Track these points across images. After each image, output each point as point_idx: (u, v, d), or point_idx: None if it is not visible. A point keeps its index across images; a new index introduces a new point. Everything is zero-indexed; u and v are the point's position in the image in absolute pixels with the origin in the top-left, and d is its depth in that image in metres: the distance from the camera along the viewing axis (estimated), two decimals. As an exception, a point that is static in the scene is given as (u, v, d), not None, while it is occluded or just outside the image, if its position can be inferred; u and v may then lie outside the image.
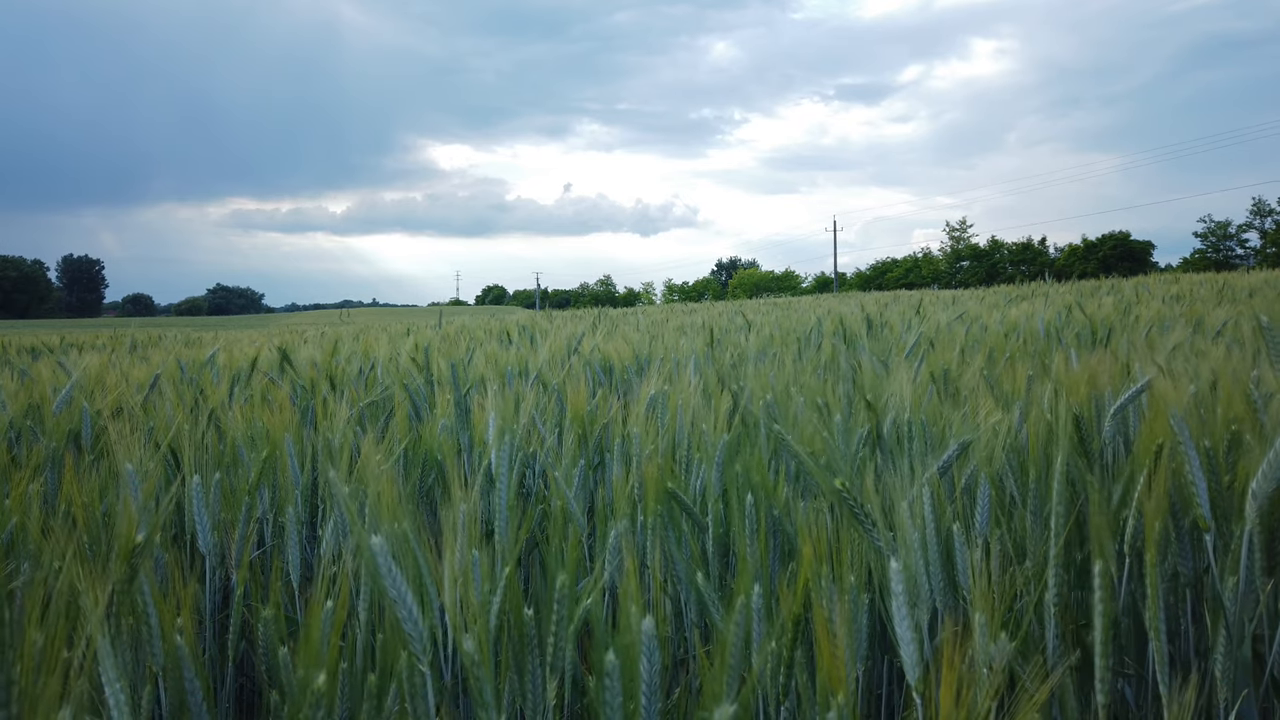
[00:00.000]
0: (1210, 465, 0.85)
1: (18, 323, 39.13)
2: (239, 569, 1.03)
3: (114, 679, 0.61)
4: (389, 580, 0.69)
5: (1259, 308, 3.38)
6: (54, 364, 2.27)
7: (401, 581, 0.69)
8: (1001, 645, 0.65)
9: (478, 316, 10.57)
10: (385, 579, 0.68)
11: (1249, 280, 7.42)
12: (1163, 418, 0.80)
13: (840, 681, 0.55)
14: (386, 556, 0.68)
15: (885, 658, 1.04)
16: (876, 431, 1.14)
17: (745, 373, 1.90)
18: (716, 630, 0.91)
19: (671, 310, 10.71)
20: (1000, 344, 2.31)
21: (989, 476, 0.95)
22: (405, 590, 0.69)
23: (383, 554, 0.68)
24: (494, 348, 2.54)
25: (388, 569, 0.69)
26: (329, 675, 0.62)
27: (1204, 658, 0.94)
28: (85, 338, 7.44)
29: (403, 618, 0.68)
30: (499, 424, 1.05)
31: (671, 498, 0.99)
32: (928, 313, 4.31)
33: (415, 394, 1.80)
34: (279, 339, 4.96)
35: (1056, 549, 0.78)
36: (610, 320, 6.93)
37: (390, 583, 0.69)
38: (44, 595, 0.58)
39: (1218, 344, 1.71)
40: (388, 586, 0.68)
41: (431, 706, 0.71)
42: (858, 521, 0.77)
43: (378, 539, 0.69)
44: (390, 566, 0.69)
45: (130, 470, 0.98)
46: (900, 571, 0.66)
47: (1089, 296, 5.89)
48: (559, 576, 0.70)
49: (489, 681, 0.63)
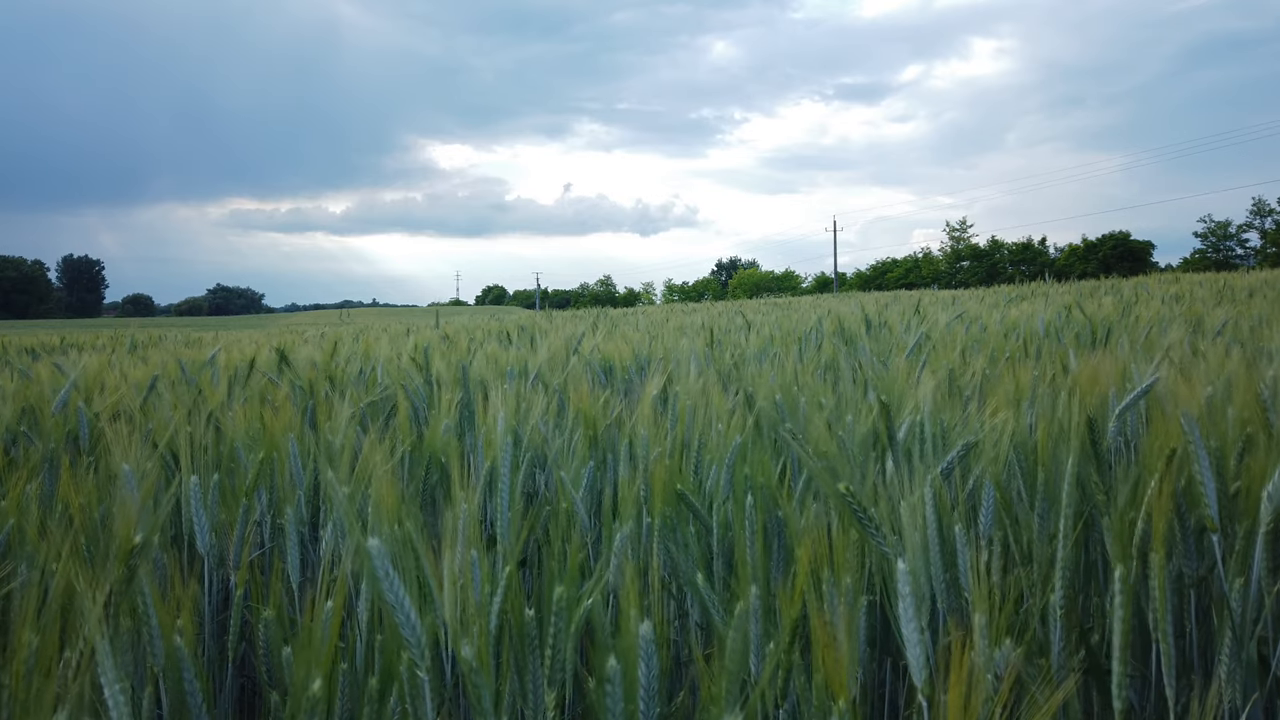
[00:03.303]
0: (1219, 467, 0.84)
1: (17, 323, 39.11)
2: (238, 570, 1.02)
3: (113, 680, 0.60)
4: (386, 584, 0.68)
5: (1259, 308, 3.38)
6: (52, 365, 2.27)
7: (399, 586, 0.68)
8: (1006, 651, 0.64)
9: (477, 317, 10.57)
10: (383, 583, 0.68)
11: (1249, 280, 7.42)
12: (1174, 419, 0.79)
13: (841, 687, 0.55)
14: (384, 560, 0.68)
15: (886, 658, 1.03)
16: (889, 434, 1.13)
17: (746, 373, 1.90)
18: (717, 632, 0.90)
19: (671, 310, 10.71)
20: (1000, 344, 2.31)
21: (993, 478, 0.94)
22: (403, 595, 0.68)
23: (380, 557, 0.68)
24: (494, 348, 2.53)
25: (385, 572, 0.68)
26: (326, 678, 0.61)
27: (1209, 659, 0.93)
28: (85, 338, 7.44)
29: (400, 622, 0.68)
30: (505, 423, 1.05)
31: (680, 499, 0.98)
32: (927, 313, 4.31)
33: (415, 394, 1.79)
34: (279, 339, 4.95)
35: (1065, 552, 0.77)
36: (610, 320, 6.93)
37: (388, 586, 0.68)
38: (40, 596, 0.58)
39: (1218, 344, 1.70)
40: (385, 590, 0.68)
41: (430, 710, 0.70)
42: (860, 524, 0.77)
43: (375, 541, 0.68)
44: (388, 570, 0.68)
45: (127, 470, 0.98)
46: (907, 574, 0.65)
47: (1089, 296, 5.88)
48: (557, 588, 0.69)
49: (487, 688, 0.63)
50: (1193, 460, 0.81)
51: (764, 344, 2.88)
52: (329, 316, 38.19)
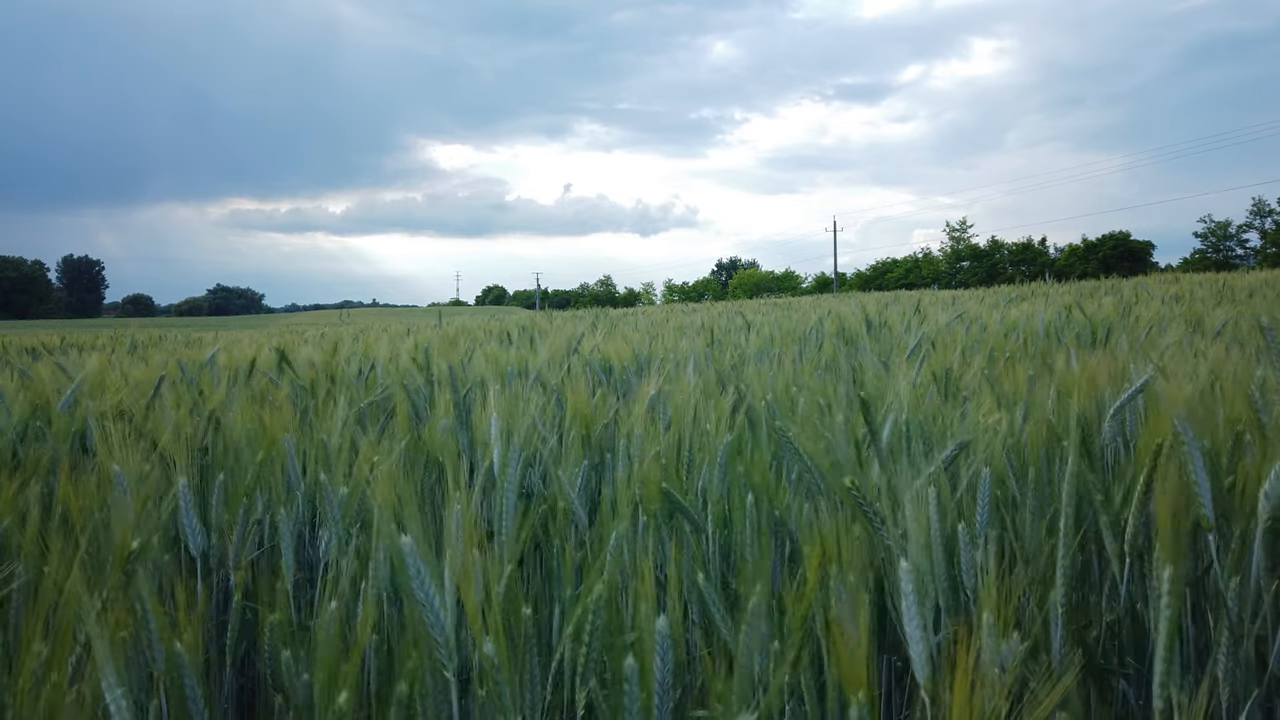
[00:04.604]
0: (1213, 465, 0.84)
1: (18, 323, 39.10)
2: (237, 571, 1.02)
3: (114, 685, 0.61)
4: (417, 583, 0.67)
5: (1259, 308, 3.38)
6: (54, 365, 2.27)
7: (429, 584, 0.67)
8: (1013, 645, 0.65)
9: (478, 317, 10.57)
10: (413, 581, 0.67)
11: (1249, 280, 7.42)
12: (1166, 417, 0.80)
13: (860, 681, 0.55)
14: (416, 558, 0.67)
15: (885, 657, 1.03)
16: (873, 431, 1.13)
17: (745, 373, 1.90)
18: (718, 631, 0.91)
19: (671, 310, 10.71)
20: (1000, 344, 2.31)
21: (992, 476, 0.94)
22: (433, 593, 0.67)
23: (412, 554, 0.67)
24: (494, 348, 2.53)
25: (416, 570, 0.67)
26: (349, 688, 0.61)
27: (1206, 657, 0.93)
28: (85, 338, 7.44)
29: (430, 622, 0.67)
30: (501, 423, 1.05)
31: (666, 498, 0.99)
32: (927, 313, 4.31)
33: (415, 394, 1.79)
34: (279, 340, 4.96)
35: (1066, 550, 0.78)
36: (610, 320, 6.93)
37: (418, 585, 0.67)
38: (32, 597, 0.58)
39: (1217, 344, 1.71)
40: (415, 588, 0.67)
41: (456, 711, 0.70)
42: (866, 521, 0.77)
43: (408, 539, 0.67)
44: (419, 568, 0.67)
45: (118, 472, 0.97)
46: (910, 571, 0.65)
47: (1089, 297, 5.89)
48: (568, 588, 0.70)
49: (508, 685, 0.63)
50: (1186, 459, 0.81)
51: (764, 344, 2.88)
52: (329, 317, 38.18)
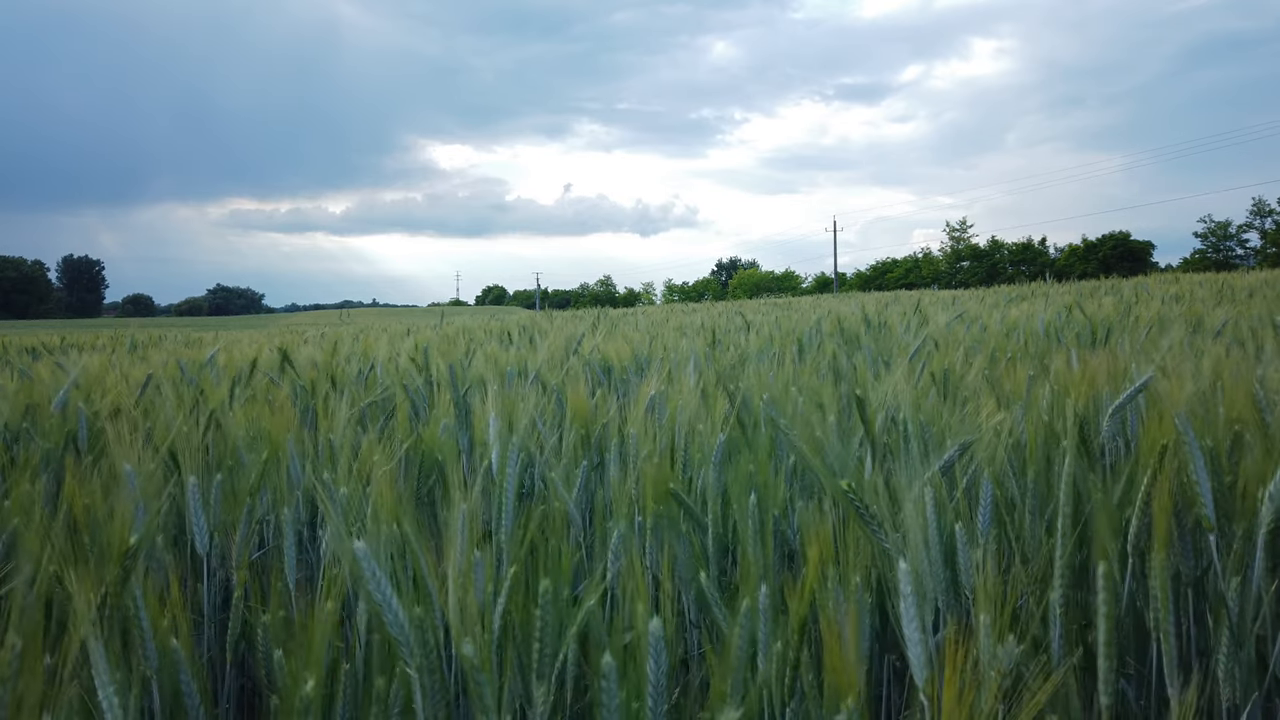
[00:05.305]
0: (1214, 465, 0.84)
1: (18, 323, 39.10)
2: (239, 570, 1.02)
3: (107, 682, 0.60)
4: (374, 584, 0.68)
5: (1259, 308, 3.38)
6: (53, 364, 2.27)
7: (387, 586, 0.68)
8: (1009, 647, 0.65)
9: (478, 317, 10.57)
10: (370, 583, 0.68)
11: (1249, 280, 7.42)
12: (1167, 417, 0.80)
13: (850, 685, 0.55)
14: (371, 561, 0.68)
15: (885, 656, 1.03)
16: (870, 432, 1.13)
17: (745, 373, 1.90)
18: (719, 629, 0.91)
19: (671, 310, 10.71)
20: (1001, 344, 2.31)
21: (991, 477, 0.94)
22: (390, 595, 0.68)
23: (367, 559, 0.68)
24: (494, 348, 2.53)
25: (372, 573, 0.68)
26: (321, 679, 0.61)
27: (1206, 658, 0.93)
28: (85, 338, 7.44)
29: (389, 621, 0.68)
30: (500, 423, 1.05)
31: (673, 498, 0.99)
32: (927, 313, 4.31)
33: (415, 394, 1.79)
34: (279, 339, 4.96)
35: (1063, 550, 0.78)
36: (610, 320, 6.93)
37: (375, 586, 0.68)
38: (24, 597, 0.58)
39: (1218, 343, 1.71)
40: (372, 591, 0.68)
41: (425, 708, 0.70)
42: (863, 522, 0.77)
43: (361, 544, 0.68)
44: (374, 570, 0.68)
45: (129, 470, 0.98)
46: (908, 572, 0.65)
47: (1089, 297, 5.89)
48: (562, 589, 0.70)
49: (489, 685, 0.63)
50: (1187, 459, 0.81)
51: (764, 344, 2.88)
52: (329, 317, 38.18)
